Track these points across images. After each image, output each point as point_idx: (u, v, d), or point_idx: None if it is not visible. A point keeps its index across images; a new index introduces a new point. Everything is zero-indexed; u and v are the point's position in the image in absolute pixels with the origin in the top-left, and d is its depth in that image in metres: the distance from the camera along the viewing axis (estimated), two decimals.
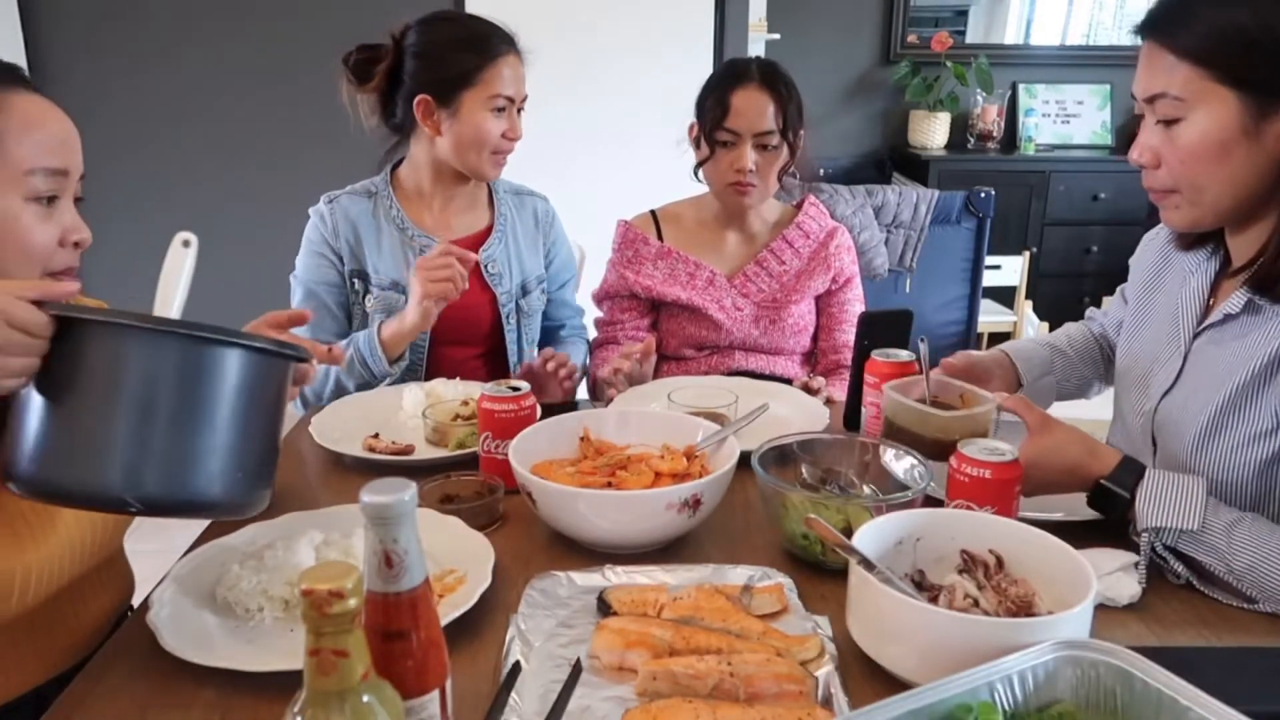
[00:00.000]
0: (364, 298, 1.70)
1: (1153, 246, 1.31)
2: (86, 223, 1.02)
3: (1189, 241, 1.18)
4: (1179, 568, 1.03)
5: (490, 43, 1.62)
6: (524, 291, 1.81)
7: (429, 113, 1.61)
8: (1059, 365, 1.46)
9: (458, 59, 1.60)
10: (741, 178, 1.71)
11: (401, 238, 1.70)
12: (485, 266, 1.73)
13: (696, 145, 1.78)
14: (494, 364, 1.81)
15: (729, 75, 1.72)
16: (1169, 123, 1.03)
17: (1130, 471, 1.06)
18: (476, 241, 1.75)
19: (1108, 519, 1.08)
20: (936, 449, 1.15)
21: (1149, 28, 1.04)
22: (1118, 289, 1.43)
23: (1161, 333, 1.21)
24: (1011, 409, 1.16)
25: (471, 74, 1.59)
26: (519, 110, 1.68)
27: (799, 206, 1.89)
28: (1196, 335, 1.15)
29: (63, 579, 1.01)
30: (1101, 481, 1.07)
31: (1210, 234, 1.16)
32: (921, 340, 1.28)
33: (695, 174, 1.81)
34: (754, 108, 1.68)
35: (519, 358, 1.81)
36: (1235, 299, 1.09)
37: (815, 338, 1.91)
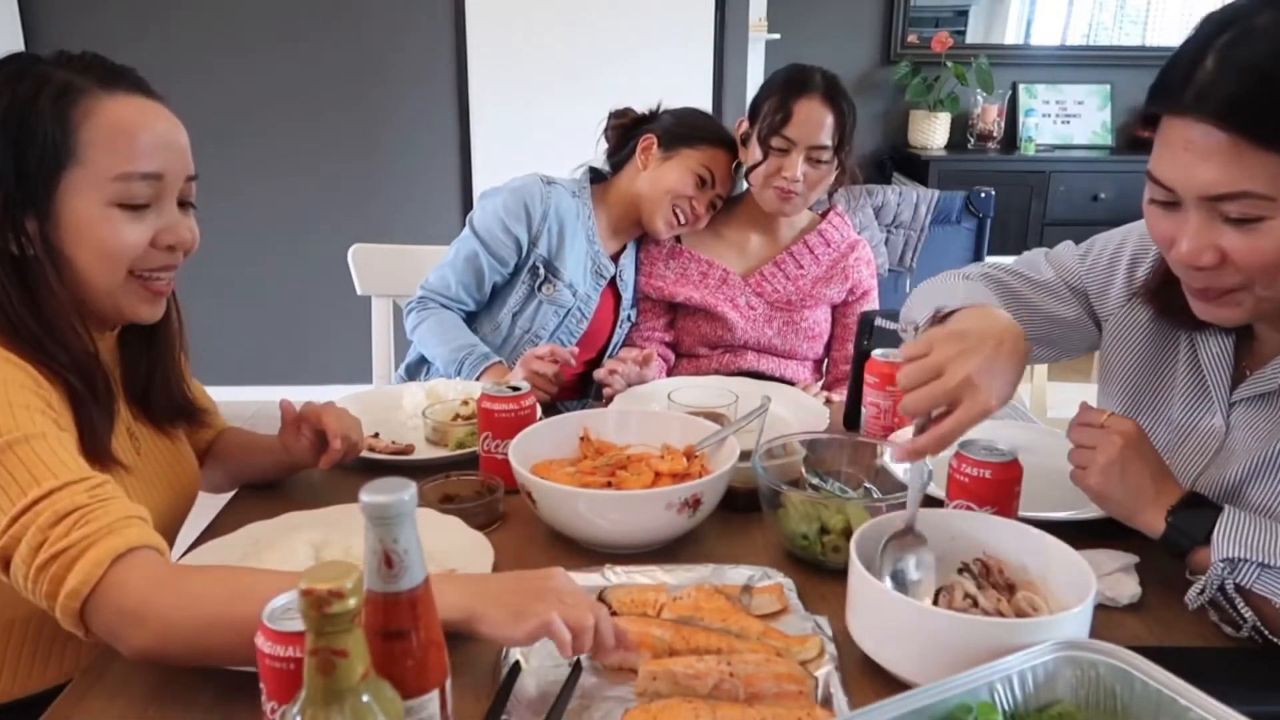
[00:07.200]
0: (542, 286, 1.78)
1: (1140, 314, 1.15)
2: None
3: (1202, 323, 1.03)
4: (1246, 613, 0.92)
5: (721, 136, 1.81)
6: (634, 302, 1.89)
7: (648, 148, 1.80)
8: None
9: (697, 128, 1.81)
10: (787, 185, 1.71)
11: (589, 248, 1.81)
12: (620, 274, 1.85)
13: (743, 143, 1.78)
14: (591, 367, 1.83)
15: (794, 82, 1.70)
16: (1243, 221, 0.87)
17: (1202, 503, 0.97)
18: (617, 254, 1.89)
19: (1170, 549, 0.99)
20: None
21: (1229, 116, 0.83)
22: (1088, 249, 1.22)
23: (1174, 397, 1.11)
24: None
25: (697, 140, 1.78)
26: (714, 205, 1.82)
27: (824, 215, 1.89)
28: (1232, 405, 1.05)
29: None
30: (1195, 491, 0.99)
31: None
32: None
33: (745, 176, 1.79)
34: (814, 119, 1.68)
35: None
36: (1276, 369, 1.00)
37: (829, 346, 1.91)
